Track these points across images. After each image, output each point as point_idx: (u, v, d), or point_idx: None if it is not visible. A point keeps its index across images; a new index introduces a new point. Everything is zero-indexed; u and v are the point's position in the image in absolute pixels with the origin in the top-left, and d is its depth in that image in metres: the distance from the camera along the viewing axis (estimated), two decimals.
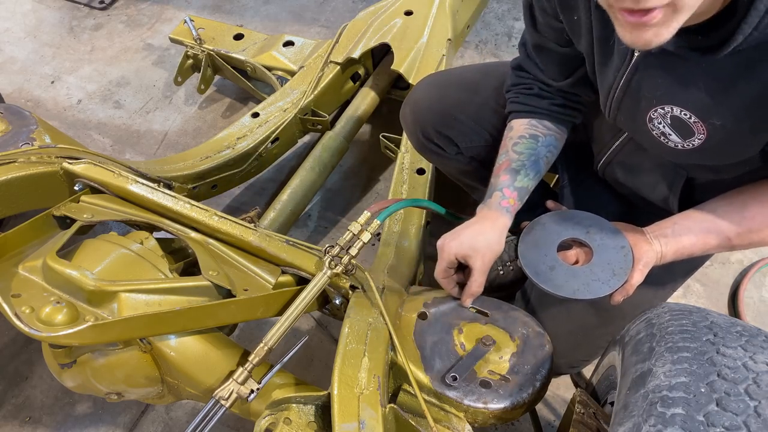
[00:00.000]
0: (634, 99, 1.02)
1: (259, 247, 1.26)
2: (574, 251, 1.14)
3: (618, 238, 1.10)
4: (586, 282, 1.07)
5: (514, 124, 1.25)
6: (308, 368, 1.70)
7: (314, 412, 1.06)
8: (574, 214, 1.18)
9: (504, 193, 1.18)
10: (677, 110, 0.96)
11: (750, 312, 1.76)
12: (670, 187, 1.15)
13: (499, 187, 1.19)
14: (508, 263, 1.78)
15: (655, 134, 1.02)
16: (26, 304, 1.09)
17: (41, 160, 1.36)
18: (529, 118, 1.23)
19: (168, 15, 2.85)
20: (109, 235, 1.29)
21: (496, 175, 1.21)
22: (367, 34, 1.99)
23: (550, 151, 1.23)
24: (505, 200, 1.18)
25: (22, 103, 2.51)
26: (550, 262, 1.11)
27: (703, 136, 0.96)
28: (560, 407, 1.61)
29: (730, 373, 0.75)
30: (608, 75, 1.05)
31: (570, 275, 1.09)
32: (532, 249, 1.14)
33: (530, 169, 1.20)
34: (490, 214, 1.17)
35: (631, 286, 1.07)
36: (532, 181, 1.21)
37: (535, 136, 1.22)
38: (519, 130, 1.23)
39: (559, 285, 1.08)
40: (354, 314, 1.14)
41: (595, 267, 1.08)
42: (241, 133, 1.87)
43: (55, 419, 1.66)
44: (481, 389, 1.05)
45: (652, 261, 1.07)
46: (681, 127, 0.98)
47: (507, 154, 1.22)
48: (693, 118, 0.95)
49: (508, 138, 1.24)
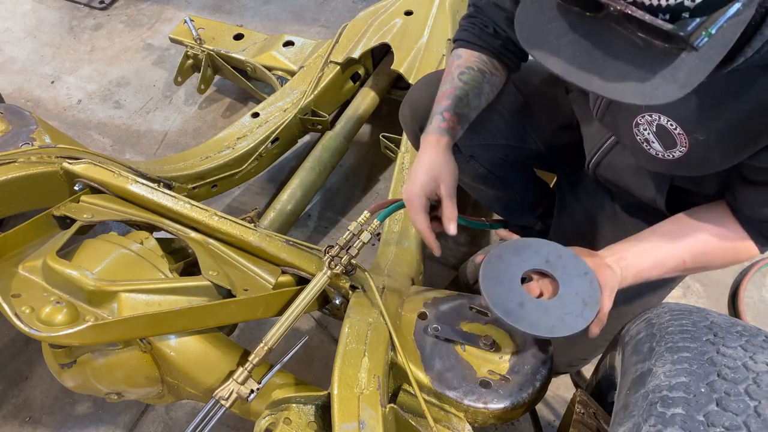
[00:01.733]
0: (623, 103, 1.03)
1: (259, 247, 1.26)
2: (536, 283, 1.08)
3: (579, 265, 1.04)
4: (560, 317, 1.01)
5: (462, 53, 1.23)
6: (308, 368, 1.70)
7: (314, 412, 1.06)
8: (529, 242, 1.11)
9: (443, 116, 1.17)
10: (664, 119, 0.97)
11: (750, 312, 1.76)
12: (657, 189, 1.15)
13: (439, 111, 1.18)
14: None
15: (639, 139, 1.03)
16: (26, 304, 1.09)
17: (41, 160, 1.36)
18: (480, 52, 1.22)
19: (168, 15, 2.85)
20: (109, 235, 1.29)
21: (437, 102, 1.20)
22: (367, 34, 1.99)
23: (492, 90, 1.23)
24: (444, 122, 1.17)
25: (22, 103, 2.51)
26: (518, 298, 1.04)
27: (685, 149, 0.97)
28: (560, 407, 1.61)
29: (730, 373, 0.75)
30: None
31: (541, 311, 1.02)
32: (496, 286, 1.05)
33: (473, 98, 1.20)
34: (431, 139, 1.17)
35: (604, 315, 1.02)
36: (473, 111, 1.21)
37: (483, 71, 1.21)
38: (468, 61, 1.22)
39: (533, 324, 1.01)
40: (354, 314, 1.14)
41: (565, 299, 1.02)
42: (241, 133, 1.87)
43: (55, 419, 1.66)
44: (481, 389, 1.05)
45: (617, 285, 1.04)
46: (665, 136, 0.98)
47: (452, 82, 1.20)
48: (678, 129, 0.96)
49: (455, 66, 1.22)
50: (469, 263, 1.83)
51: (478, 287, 1.75)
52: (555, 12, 0.78)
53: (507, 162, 1.48)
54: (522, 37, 0.82)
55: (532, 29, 0.81)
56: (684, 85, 0.71)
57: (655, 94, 0.71)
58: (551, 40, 0.78)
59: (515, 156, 1.47)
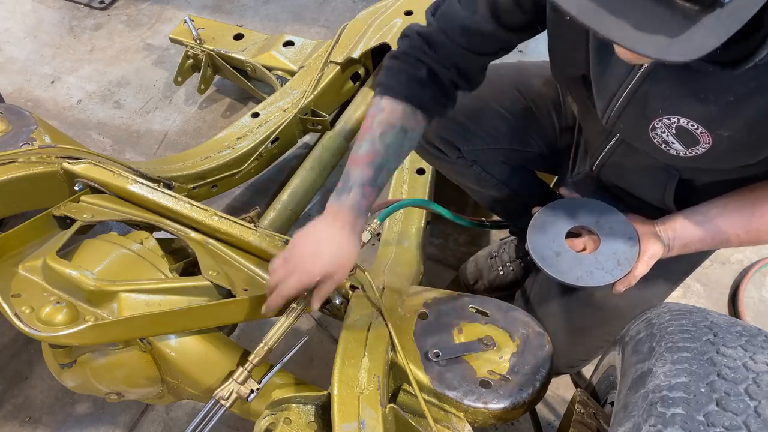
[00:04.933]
0: (638, 108, 1.01)
1: (259, 247, 1.26)
2: (582, 239, 1.14)
3: (627, 229, 1.11)
4: (589, 270, 1.08)
5: (386, 106, 1.12)
6: (308, 368, 1.70)
7: (314, 412, 1.06)
8: (587, 202, 1.18)
9: (364, 191, 1.08)
10: (684, 121, 0.95)
11: (750, 312, 1.76)
12: (663, 188, 1.15)
13: (360, 183, 1.08)
14: (508, 263, 1.79)
15: (657, 142, 1.02)
16: (26, 304, 1.09)
17: (41, 160, 1.36)
18: (405, 104, 1.11)
19: (168, 15, 2.85)
20: (109, 235, 1.29)
21: (358, 165, 1.10)
22: (367, 34, 1.99)
23: (410, 147, 1.16)
24: (365, 200, 1.08)
25: (22, 103, 2.51)
26: (557, 248, 1.12)
27: (708, 145, 0.96)
28: (560, 407, 1.61)
29: (730, 373, 0.75)
30: (609, 83, 1.03)
31: (575, 262, 1.10)
32: (540, 234, 1.14)
33: (392, 163, 1.12)
34: (348, 218, 1.07)
35: (634, 277, 1.07)
36: (388, 179, 1.16)
37: (405, 130, 1.11)
38: (391, 117, 1.11)
39: (562, 271, 1.09)
40: (354, 314, 1.14)
41: (601, 256, 1.09)
42: (241, 133, 1.87)
43: (55, 419, 1.66)
44: (481, 389, 1.05)
45: (659, 254, 1.07)
46: (686, 136, 0.97)
47: (373, 144, 1.09)
48: (700, 129, 0.94)
49: (377, 122, 1.11)
50: (469, 263, 1.83)
51: (478, 287, 1.77)
52: None
53: (509, 165, 1.48)
54: None
55: None
56: (698, 48, 0.69)
57: (670, 51, 0.69)
58: None
59: (517, 159, 1.47)
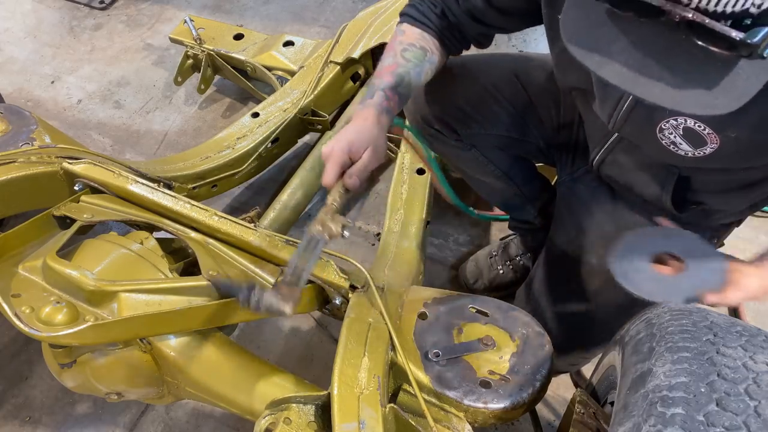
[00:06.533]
0: (645, 111, 1.01)
1: (259, 247, 1.26)
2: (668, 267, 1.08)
3: (717, 262, 1.04)
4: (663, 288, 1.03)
5: (406, 29, 1.24)
6: (308, 368, 1.70)
7: (314, 412, 1.06)
8: (684, 233, 1.13)
9: (386, 94, 1.16)
10: (691, 122, 0.95)
11: (750, 312, 1.76)
12: (662, 185, 1.16)
13: (381, 87, 1.17)
14: (508, 262, 1.79)
15: (664, 143, 1.02)
16: (26, 304, 1.09)
17: (41, 160, 1.36)
18: (423, 30, 1.23)
19: (168, 15, 2.85)
20: (109, 235, 1.29)
21: (380, 75, 1.19)
22: (367, 34, 1.99)
23: (431, 68, 1.24)
24: (386, 101, 1.16)
25: (22, 103, 2.51)
26: (637, 266, 1.07)
27: (716, 145, 0.96)
28: (560, 407, 1.61)
29: (730, 373, 0.75)
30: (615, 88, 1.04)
31: (649, 278, 1.05)
32: (626, 250, 1.10)
33: (414, 78, 1.19)
34: (370, 112, 1.14)
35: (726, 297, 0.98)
36: (411, 91, 1.21)
37: (425, 49, 1.21)
38: (411, 38, 1.22)
39: (636, 285, 1.03)
40: (354, 314, 1.14)
41: (680, 280, 1.03)
42: (241, 133, 1.87)
43: (55, 419, 1.66)
44: (481, 389, 1.05)
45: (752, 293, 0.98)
46: (693, 137, 0.97)
47: (395, 58, 1.20)
48: (707, 129, 0.94)
49: (398, 42, 1.22)
50: (468, 263, 1.83)
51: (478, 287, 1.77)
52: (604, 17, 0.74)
53: (508, 154, 1.49)
54: (569, 42, 0.79)
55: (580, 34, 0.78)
56: (742, 95, 0.69)
57: (716, 103, 0.69)
58: (602, 46, 0.74)
59: (516, 148, 1.47)
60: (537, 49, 2.24)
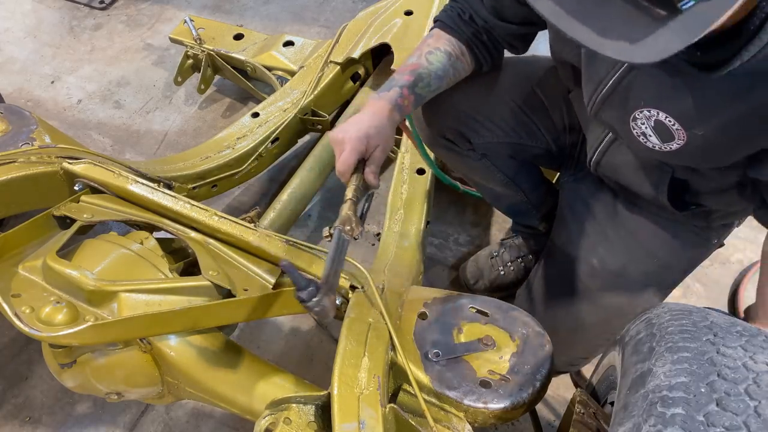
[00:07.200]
0: (622, 97, 1.04)
1: (259, 247, 1.26)
2: None
3: None
4: None
5: (435, 33, 1.26)
6: (308, 368, 1.70)
7: (314, 412, 1.06)
8: None
9: (402, 92, 1.16)
10: (662, 115, 0.98)
11: None
12: (656, 185, 1.16)
13: (400, 85, 1.17)
14: (509, 263, 1.79)
15: (635, 133, 1.04)
16: (26, 304, 1.09)
17: (41, 160, 1.36)
18: (451, 35, 1.24)
19: (168, 15, 2.85)
20: (109, 235, 1.29)
21: (400, 72, 1.20)
22: (367, 34, 1.99)
23: (455, 74, 1.25)
24: (401, 98, 1.16)
25: (22, 103, 2.51)
26: None
27: (682, 142, 0.99)
28: (560, 407, 1.61)
29: (730, 373, 0.75)
30: (598, 69, 1.06)
31: None
32: None
33: (434, 80, 1.20)
34: (385, 106, 1.14)
35: None
36: (431, 93, 1.21)
37: (449, 54, 1.23)
38: (439, 42, 1.23)
39: None
40: (354, 314, 1.13)
41: None
42: (241, 133, 1.87)
43: (55, 419, 1.66)
44: (481, 389, 1.05)
45: None
46: (663, 131, 1.00)
47: (419, 58, 1.21)
48: (676, 125, 0.97)
49: (426, 44, 1.24)
50: (469, 263, 1.83)
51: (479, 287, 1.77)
52: None
53: (516, 160, 1.48)
54: None
55: None
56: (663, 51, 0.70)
57: (634, 54, 0.72)
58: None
59: (525, 154, 1.47)
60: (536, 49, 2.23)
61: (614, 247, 1.29)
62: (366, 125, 1.11)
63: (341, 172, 1.11)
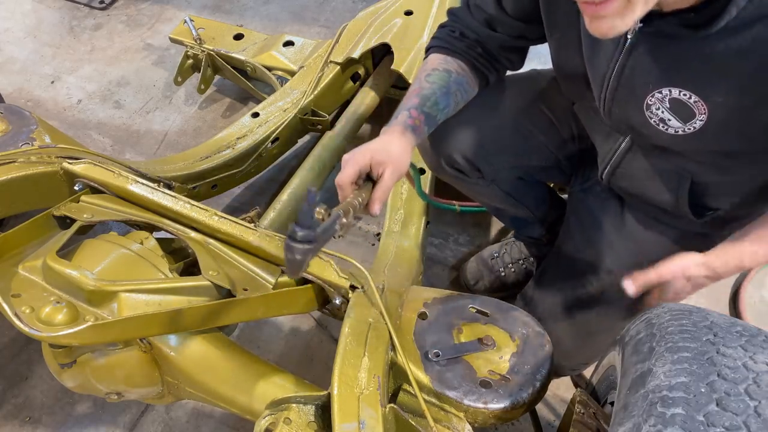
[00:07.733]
0: (628, 87, 1.02)
1: (259, 247, 1.26)
2: None
3: None
4: None
5: (429, 59, 1.24)
6: (308, 368, 1.70)
7: (314, 412, 1.06)
8: None
9: (410, 113, 1.14)
10: (676, 91, 0.95)
11: (750, 312, 1.76)
12: (676, 192, 1.14)
13: (407, 108, 1.15)
14: (510, 265, 1.79)
15: (654, 122, 1.01)
16: (26, 304, 1.09)
17: (41, 160, 1.36)
18: (446, 54, 1.23)
19: (168, 15, 2.85)
20: (109, 235, 1.29)
21: (406, 97, 1.18)
22: (367, 34, 1.99)
23: (460, 89, 1.21)
24: (411, 119, 1.13)
25: (22, 103, 2.51)
26: None
27: (704, 116, 0.95)
28: (560, 407, 1.61)
29: (730, 373, 0.75)
30: (600, 65, 1.04)
31: None
32: None
33: (440, 98, 1.17)
34: (396, 129, 1.12)
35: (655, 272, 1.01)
36: (441, 113, 1.18)
37: (448, 71, 1.20)
38: (433, 64, 1.22)
39: None
40: (354, 314, 1.13)
41: None
42: (241, 133, 1.87)
43: (55, 419, 1.66)
44: (481, 389, 1.05)
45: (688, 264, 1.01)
46: (681, 109, 0.96)
47: (420, 83, 1.19)
48: (693, 97, 0.93)
49: (422, 70, 1.22)
50: (470, 263, 1.83)
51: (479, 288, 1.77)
52: None
53: (525, 181, 1.48)
54: None
55: None
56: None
57: None
58: None
59: (535, 173, 1.47)
60: None
61: (621, 258, 1.28)
62: (372, 145, 1.09)
63: (339, 185, 1.08)
